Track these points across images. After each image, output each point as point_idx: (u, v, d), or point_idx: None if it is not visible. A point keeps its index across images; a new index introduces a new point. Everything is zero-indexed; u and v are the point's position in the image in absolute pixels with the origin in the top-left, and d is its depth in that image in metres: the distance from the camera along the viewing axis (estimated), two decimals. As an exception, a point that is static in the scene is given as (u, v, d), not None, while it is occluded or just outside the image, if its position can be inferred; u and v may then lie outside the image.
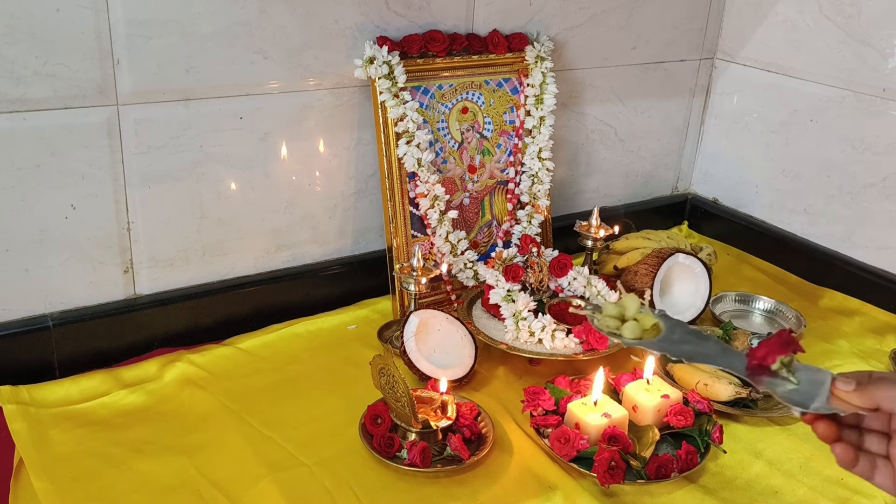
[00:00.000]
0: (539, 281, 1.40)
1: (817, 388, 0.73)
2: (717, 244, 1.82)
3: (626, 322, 0.82)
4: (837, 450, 0.73)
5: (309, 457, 1.09)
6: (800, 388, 0.73)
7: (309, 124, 1.37)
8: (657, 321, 0.82)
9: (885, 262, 1.62)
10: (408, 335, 1.25)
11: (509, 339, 1.31)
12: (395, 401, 1.10)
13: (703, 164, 1.95)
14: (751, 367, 0.75)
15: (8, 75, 1.10)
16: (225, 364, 1.28)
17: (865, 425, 0.74)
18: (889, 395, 0.70)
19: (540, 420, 1.15)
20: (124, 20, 1.16)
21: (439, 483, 1.07)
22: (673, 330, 0.81)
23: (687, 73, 1.84)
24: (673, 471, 1.08)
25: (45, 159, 1.16)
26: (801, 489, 1.11)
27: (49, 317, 1.23)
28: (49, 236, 1.20)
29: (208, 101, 1.26)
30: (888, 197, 1.60)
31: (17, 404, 1.13)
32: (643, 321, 0.82)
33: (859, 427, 0.74)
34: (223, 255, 1.37)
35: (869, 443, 0.74)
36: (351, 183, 1.45)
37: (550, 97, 1.53)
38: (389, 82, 1.36)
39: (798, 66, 1.71)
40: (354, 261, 1.49)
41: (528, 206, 1.55)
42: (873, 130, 1.60)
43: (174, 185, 1.28)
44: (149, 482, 1.03)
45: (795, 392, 0.73)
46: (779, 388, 0.74)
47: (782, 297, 1.60)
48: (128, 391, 1.19)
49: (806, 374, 0.74)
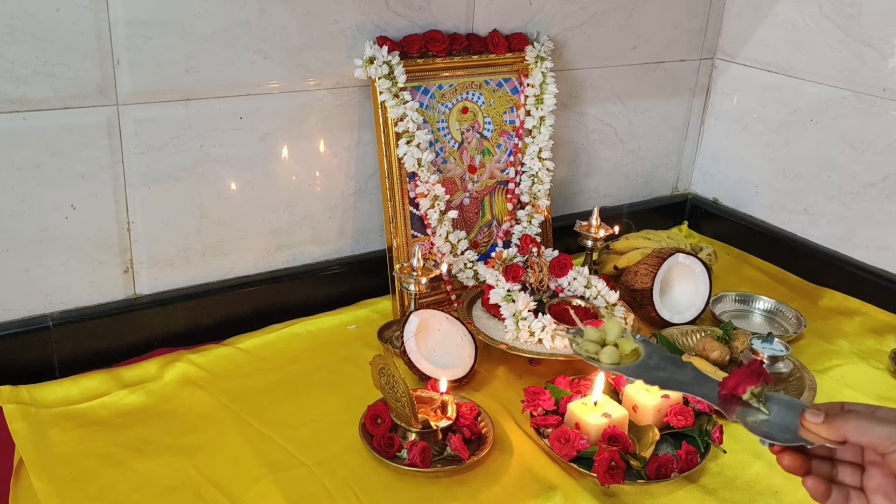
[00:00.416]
0: (539, 281, 1.40)
1: (787, 420, 0.73)
2: (717, 244, 1.82)
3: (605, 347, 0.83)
4: (808, 483, 0.72)
5: (309, 457, 1.09)
6: (770, 418, 0.73)
7: (309, 124, 1.37)
8: (637, 346, 0.83)
9: (885, 262, 1.62)
10: (408, 335, 1.25)
11: (509, 339, 1.31)
12: (395, 401, 1.10)
13: (703, 164, 1.95)
14: (722, 397, 0.76)
15: (8, 75, 1.10)
16: (225, 364, 1.28)
17: (838, 457, 0.73)
18: (856, 427, 0.69)
19: (540, 420, 1.15)
20: (124, 20, 1.16)
21: (439, 483, 1.07)
22: (651, 356, 0.82)
23: (687, 73, 1.84)
24: (673, 471, 1.08)
25: (45, 159, 1.16)
26: (801, 489, 1.07)
27: (49, 317, 1.23)
28: (49, 236, 1.20)
29: (208, 101, 1.26)
30: (888, 197, 1.60)
31: (17, 404, 1.13)
32: (623, 346, 0.83)
33: (832, 459, 0.73)
34: (223, 255, 1.37)
35: (842, 474, 0.73)
36: (351, 183, 1.45)
37: (550, 97, 1.53)
38: (389, 82, 1.36)
39: (798, 66, 1.71)
40: (354, 261, 1.49)
41: (528, 206, 1.55)
42: (873, 130, 1.60)
43: (174, 185, 1.28)
44: (149, 482, 1.03)
45: (765, 423, 0.73)
46: (749, 418, 0.74)
47: (782, 297, 1.60)
48: (128, 391, 1.19)
49: (777, 405, 0.74)
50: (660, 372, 0.80)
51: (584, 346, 0.85)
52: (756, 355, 1.28)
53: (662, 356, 0.82)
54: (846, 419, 0.69)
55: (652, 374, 0.80)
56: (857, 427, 0.69)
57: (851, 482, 0.72)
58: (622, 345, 0.83)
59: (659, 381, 0.79)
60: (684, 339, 1.42)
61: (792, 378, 1.31)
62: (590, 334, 0.86)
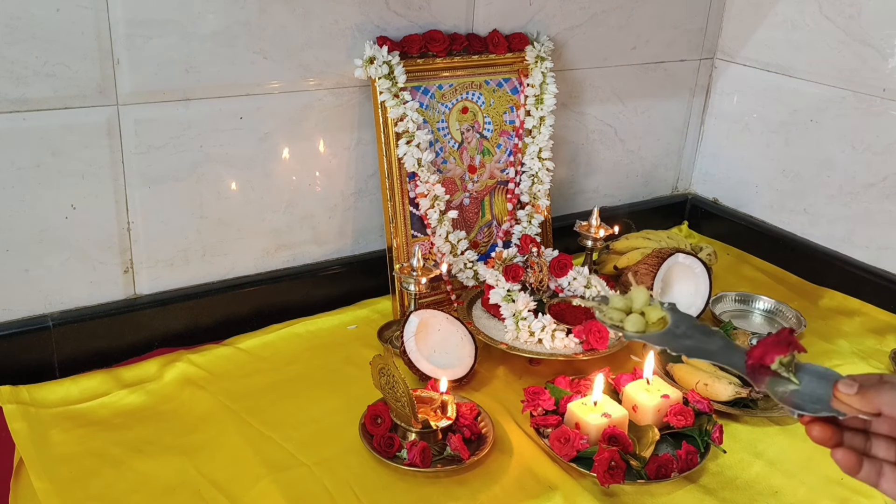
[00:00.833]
0: (539, 281, 1.40)
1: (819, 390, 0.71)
2: (717, 244, 1.82)
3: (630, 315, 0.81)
4: (838, 455, 0.70)
5: (309, 457, 1.09)
6: (801, 388, 0.71)
7: (309, 124, 1.37)
8: (664, 314, 0.80)
9: (885, 262, 1.62)
10: (408, 335, 1.25)
11: (509, 339, 1.31)
12: (395, 401, 1.10)
13: (703, 164, 1.95)
14: (749, 367, 0.74)
15: (8, 75, 1.10)
16: (225, 364, 1.28)
17: (873, 430, 0.71)
18: (892, 399, 0.67)
19: (540, 420, 1.15)
20: (124, 20, 1.16)
21: (439, 483, 1.07)
22: (678, 324, 0.80)
23: (687, 73, 1.84)
24: (673, 471, 1.08)
25: (45, 159, 1.16)
26: (801, 489, 1.11)
27: (49, 317, 1.23)
28: (49, 236, 1.20)
29: (208, 101, 1.26)
30: (888, 197, 1.60)
31: (17, 404, 1.13)
32: (650, 314, 0.80)
33: (866, 431, 0.72)
34: (223, 255, 1.37)
35: (876, 448, 0.71)
36: (351, 183, 1.45)
37: (550, 97, 1.53)
38: (389, 82, 1.36)
39: (798, 66, 1.71)
40: (354, 261, 1.49)
41: (528, 206, 1.55)
42: (873, 130, 1.60)
43: (174, 185, 1.28)
44: (149, 482, 1.03)
45: (795, 393, 0.71)
46: (778, 388, 0.72)
47: (782, 297, 1.60)
48: (128, 391, 1.19)
49: (809, 375, 0.72)
50: (686, 340, 0.78)
51: (609, 313, 0.82)
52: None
53: (690, 324, 0.80)
54: (881, 391, 0.67)
55: (678, 342, 0.78)
56: (892, 399, 0.67)
57: (886, 456, 0.71)
58: (648, 313, 0.80)
59: (685, 349, 0.77)
60: (684, 339, 1.42)
61: (792, 378, 1.31)
62: (615, 302, 0.82)
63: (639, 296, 0.82)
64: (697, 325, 0.80)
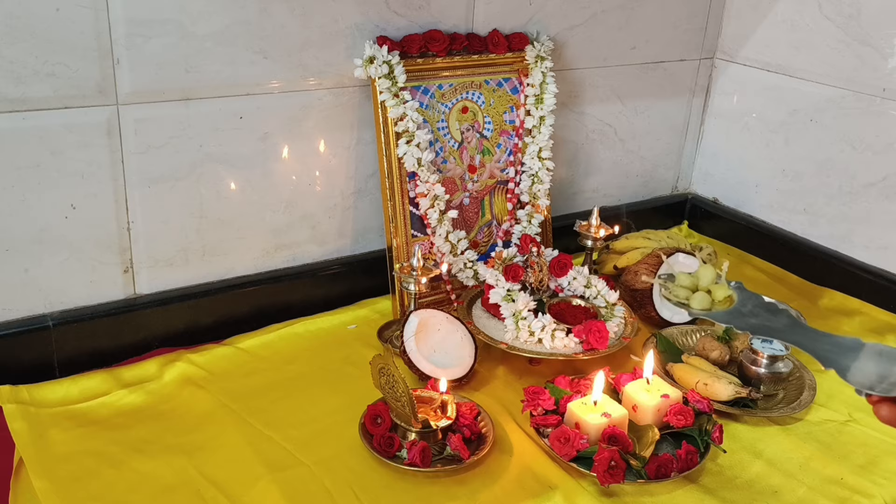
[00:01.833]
0: (539, 281, 1.40)
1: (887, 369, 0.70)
2: (717, 244, 1.82)
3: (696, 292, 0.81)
4: None
5: (309, 456, 1.09)
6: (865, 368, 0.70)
7: (309, 124, 1.37)
8: (731, 293, 0.80)
9: (885, 262, 1.62)
10: (408, 335, 1.25)
11: (509, 338, 1.31)
12: (395, 400, 1.10)
13: (702, 164, 1.95)
14: None
15: (8, 75, 1.10)
16: (225, 364, 1.28)
17: None
18: None
19: (540, 420, 1.15)
20: (124, 20, 1.16)
21: (439, 483, 1.07)
22: (744, 303, 0.79)
23: (687, 73, 1.84)
24: (673, 470, 1.08)
25: (45, 159, 1.16)
26: (800, 489, 1.11)
27: (49, 316, 1.23)
28: (49, 236, 1.20)
29: (208, 101, 1.26)
30: (888, 197, 1.60)
31: (17, 404, 1.13)
32: (716, 293, 0.80)
33: None
34: (223, 254, 1.37)
35: None
36: (351, 183, 1.45)
37: (550, 97, 1.53)
38: (389, 82, 1.36)
39: (798, 66, 1.71)
40: (354, 261, 1.49)
41: (528, 206, 1.55)
42: (873, 130, 1.60)
43: (174, 184, 1.28)
44: (148, 482, 1.03)
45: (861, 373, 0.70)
46: None
47: (782, 297, 1.60)
48: (128, 391, 1.19)
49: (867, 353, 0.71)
50: (752, 319, 0.78)
51: (675, 291, 0.82)
52: (756, 355, 1.28)
53: (757, 303, 0.79)
54: None
55: (743, 320, 0.78)
56: None
57: None
58: (715, 291, 0.80)
59: (750, 327, 0.77)
60: (684, 339, 1.42)
61: (792, 378, 1.32)
62: (681, 280, 0.82)
63: (706, 273, 0.81)
64: (765, 304, 0.79)
